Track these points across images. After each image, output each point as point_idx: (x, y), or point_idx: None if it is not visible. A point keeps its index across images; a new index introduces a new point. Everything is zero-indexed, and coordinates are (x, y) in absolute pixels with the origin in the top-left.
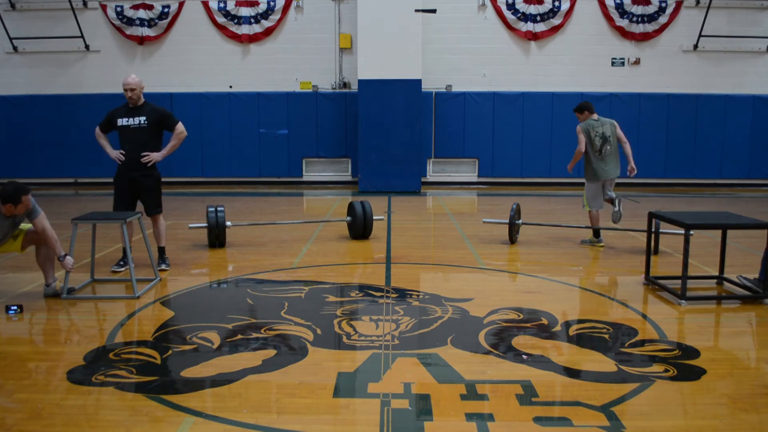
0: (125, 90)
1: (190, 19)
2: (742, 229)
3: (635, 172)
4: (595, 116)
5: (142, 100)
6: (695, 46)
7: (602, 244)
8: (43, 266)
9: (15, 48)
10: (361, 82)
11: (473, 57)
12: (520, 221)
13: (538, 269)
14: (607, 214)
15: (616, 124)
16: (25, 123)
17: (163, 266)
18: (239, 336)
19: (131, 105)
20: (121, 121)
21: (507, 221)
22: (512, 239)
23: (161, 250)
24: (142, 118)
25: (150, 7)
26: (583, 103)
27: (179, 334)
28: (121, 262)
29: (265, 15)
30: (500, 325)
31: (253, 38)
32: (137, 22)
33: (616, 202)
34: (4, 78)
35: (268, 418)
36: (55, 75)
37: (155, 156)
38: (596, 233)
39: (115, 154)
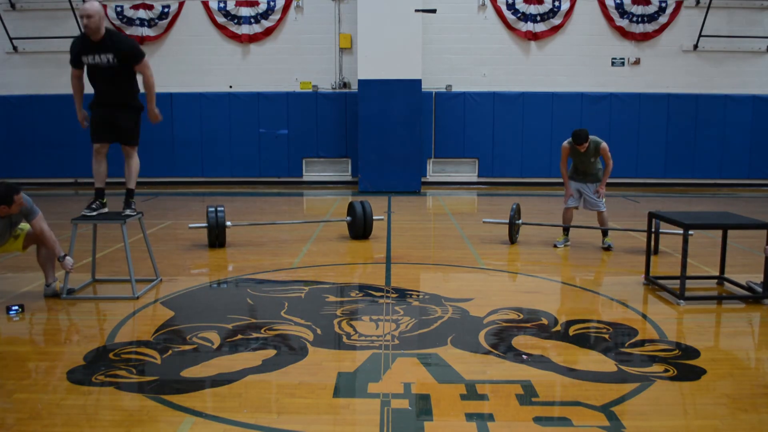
0: (81, 17)
1: (190, 19)
2: (742, 229)
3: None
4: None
5: (103, 30)
6: (695, 46)
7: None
8: (44, 266)
9: (15, 48)
10: (361, 82)
11: (473, 57)
12: (520, 221)
13: (538, 269)
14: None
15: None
16: (25, 123)
17: (128, 211)
18: (239, 336)
19: (92, 37)
20: (87, 59)
21: (507, 221)
22: (512, 239)
23: (129, 193)
24: (110, 55)
25: (150, 7)
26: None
27: (179, 334)
28: (95, 204)
29: (265, 15)
30: (500, 325)
31: (253, 38)
32: (137, 22)
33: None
34: (4, 78)
35: (268, 418)
36: (55, 75)
37: (152, 119)
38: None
39: (81, 118)
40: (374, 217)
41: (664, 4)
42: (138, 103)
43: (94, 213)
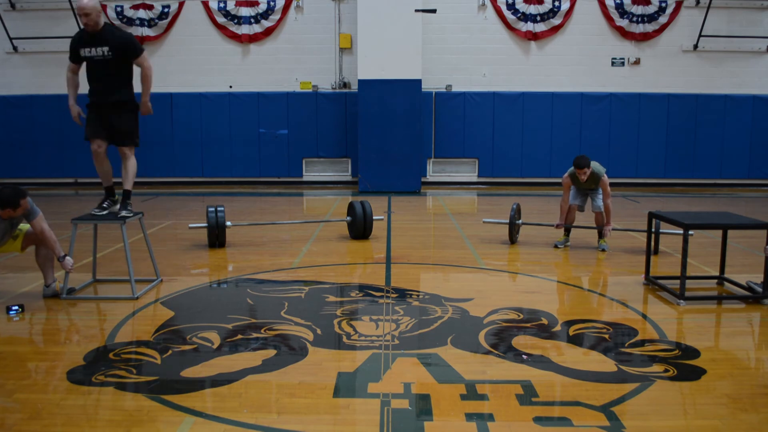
0: (80, 15)
1: (190, 19)
2: (742, 229)
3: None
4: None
5: (101, 24)
6: (695, 46)
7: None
8: (43, 267)
9: (15, 48)
10: (361, 82)
11: (473, 57)
12: (521, 221)
13: (538, 269)
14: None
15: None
16: (25, 123)
17: (123, 213)
18: (239, 336)
19: (90, 31)
20: (84, 51)
21: (507, 221)
22: (512, 239)
23: (125, 194)
24: (105, 48)
25: (150, 7)
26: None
27: (179, 334)
28: (105, 203)
29: (265, 15)
30: (500, 325)
31: (253, 38)
32: (137, 22)
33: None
34: (4, 78)
35: (268, 418)
36: (55, 75)
37: (143, 111)
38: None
39: (75, 113)
40: (374, 217)
41: (664, 4)
42: (134, 103)
43: (105, 212)
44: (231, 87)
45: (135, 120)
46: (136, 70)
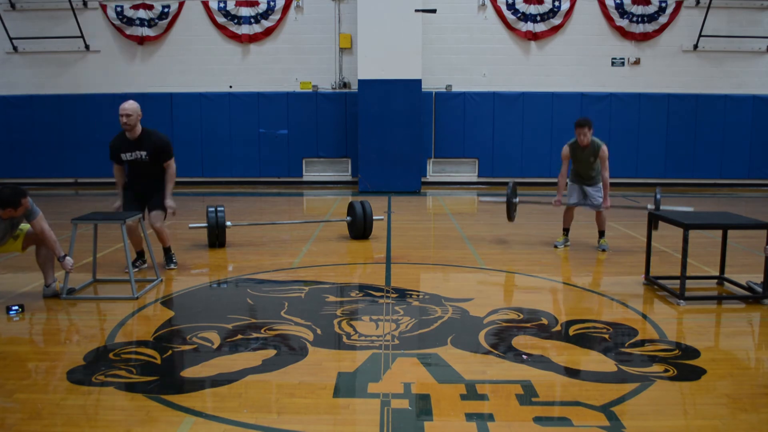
0: (121, 115)
1: (190, 19)
2: (742, 229)
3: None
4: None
5: (139, 128)
6: (695, 46)
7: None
8: (43, 267)
9: (15, 48)
10: (361, 82)
11: (473, 57)
12: (517, 200)
13: (538, 269)
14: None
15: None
16: (25, 123)
17: (171, 265)
18: (239, 336)
19: (129, 135)
20: (125, 156)
21: (504, 200)
22: (510, 217)
23: (166, 251)
24: (143, 153)
25: (150, 7)
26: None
27: (179, 334)
28: (137, 263)
29: (265, 15)
30: (500, 325)
31: (253, 38)
32: (137, 22)
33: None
34: (4, 78)
35: (268, 418)
36: (55, 75)
37: (171, 205)
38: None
39: (116, 207)
40: (374, 217)
41: (664, 4)
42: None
43: (136, 269)
44: (231, 87)
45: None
46: None
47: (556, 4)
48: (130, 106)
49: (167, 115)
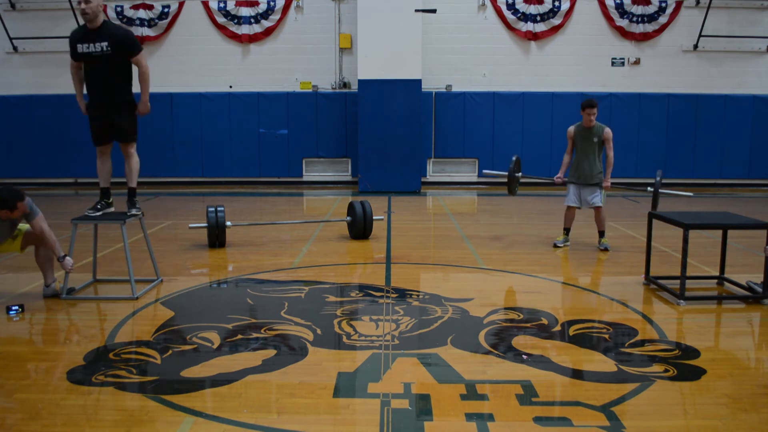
0: (79, 2)
1: (190, 19)
2: (742, 229)
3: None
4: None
5: (101, 19)
6: (695, 46)
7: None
8: (43, 267)
9: (15, 48)
10: (361, 82)
11: (473, 57)
12: (520, 174)
13: (538, 269)
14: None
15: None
16: (25, 123)
17: (133, 211)
18: (239, 336)
19: (89, 25)
20: (81, 47)
21: (506, 173)
22: (511, 191)
23: (131, 192)
24: (104, 44)
25: (150, 7)
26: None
27: (179, 334)
28: (99, 205)
29: (265, 15)
30: (500, 325)
31: (253, 38)
32: (137, 22)
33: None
34: (4, 78)
35: (268, 418)
36: (56, 75)
37: (142, 110)
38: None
39: (83, 106)
40: (374, 217)
41: (664, 4)
42: (133, 100)
43: (99, 213)
44: (231, 87)
45: (135, 118)
46: (135, 71)
47: (556, 4)
48: None
49: (167, 115)
